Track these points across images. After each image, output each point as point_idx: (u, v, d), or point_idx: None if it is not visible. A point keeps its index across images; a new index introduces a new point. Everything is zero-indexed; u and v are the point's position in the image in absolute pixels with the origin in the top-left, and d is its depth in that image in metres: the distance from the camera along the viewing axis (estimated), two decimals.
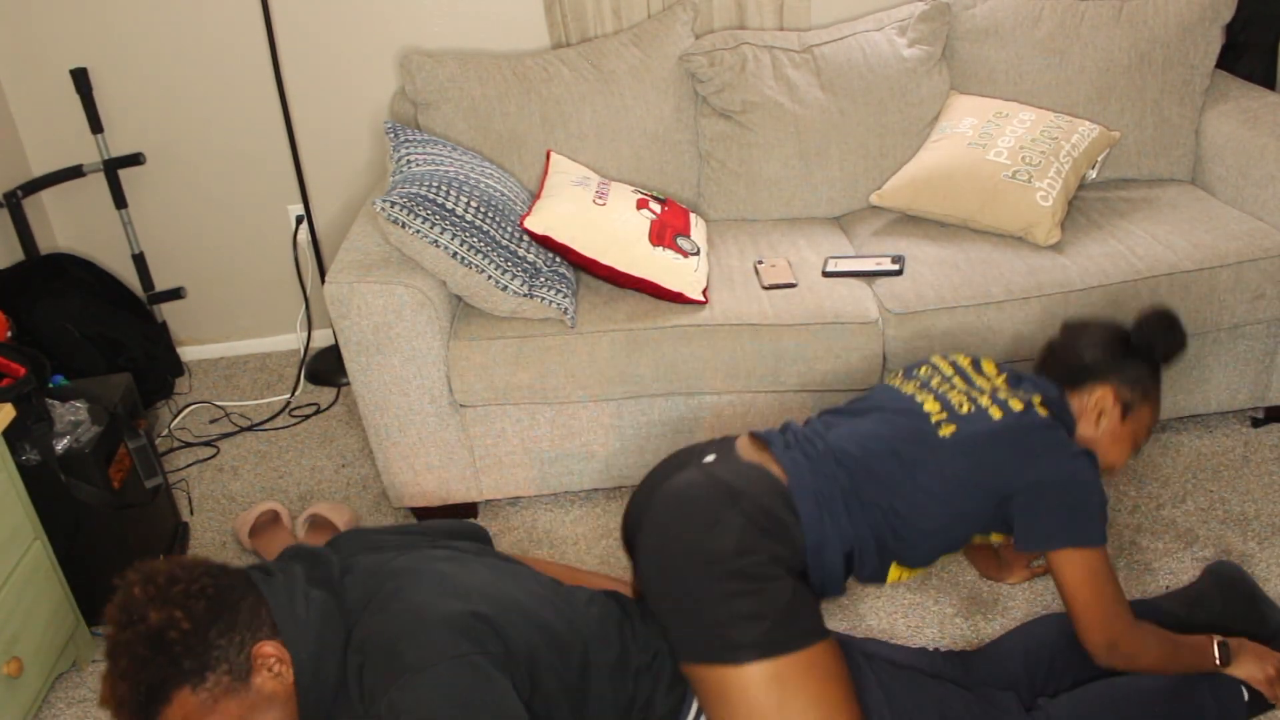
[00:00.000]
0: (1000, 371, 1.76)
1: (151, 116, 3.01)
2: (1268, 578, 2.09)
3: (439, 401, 2.31)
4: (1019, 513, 1.59)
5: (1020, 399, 1.64)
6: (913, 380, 1.78)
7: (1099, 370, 1.70)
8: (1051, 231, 2.36)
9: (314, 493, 2.66)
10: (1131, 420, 1.70)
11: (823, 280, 2.37)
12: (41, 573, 2.02)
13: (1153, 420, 1.72)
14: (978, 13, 2.72)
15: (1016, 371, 1.76)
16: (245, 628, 1.32)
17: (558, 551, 2.37)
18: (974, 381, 1.72)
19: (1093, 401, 1.69)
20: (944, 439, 1.62)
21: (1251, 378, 2.44)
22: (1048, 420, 1.62)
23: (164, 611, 1.28)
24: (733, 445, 1.74)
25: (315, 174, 3.11)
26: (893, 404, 1.72)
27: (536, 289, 2.25)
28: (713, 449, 1.74)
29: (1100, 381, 1.70)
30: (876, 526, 1.62)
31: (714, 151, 2.71)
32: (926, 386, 1.74)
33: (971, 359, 1.79)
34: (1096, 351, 1.71)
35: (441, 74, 2.63)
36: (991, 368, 1.77)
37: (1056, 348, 1.77)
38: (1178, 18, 2.60)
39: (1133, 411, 1.69)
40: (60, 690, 2.12)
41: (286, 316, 3.33)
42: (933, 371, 1.79)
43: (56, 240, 3.16)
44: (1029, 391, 1.69)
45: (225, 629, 1.31)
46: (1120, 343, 1.71)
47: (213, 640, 1.29)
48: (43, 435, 2.03)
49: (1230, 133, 2.53)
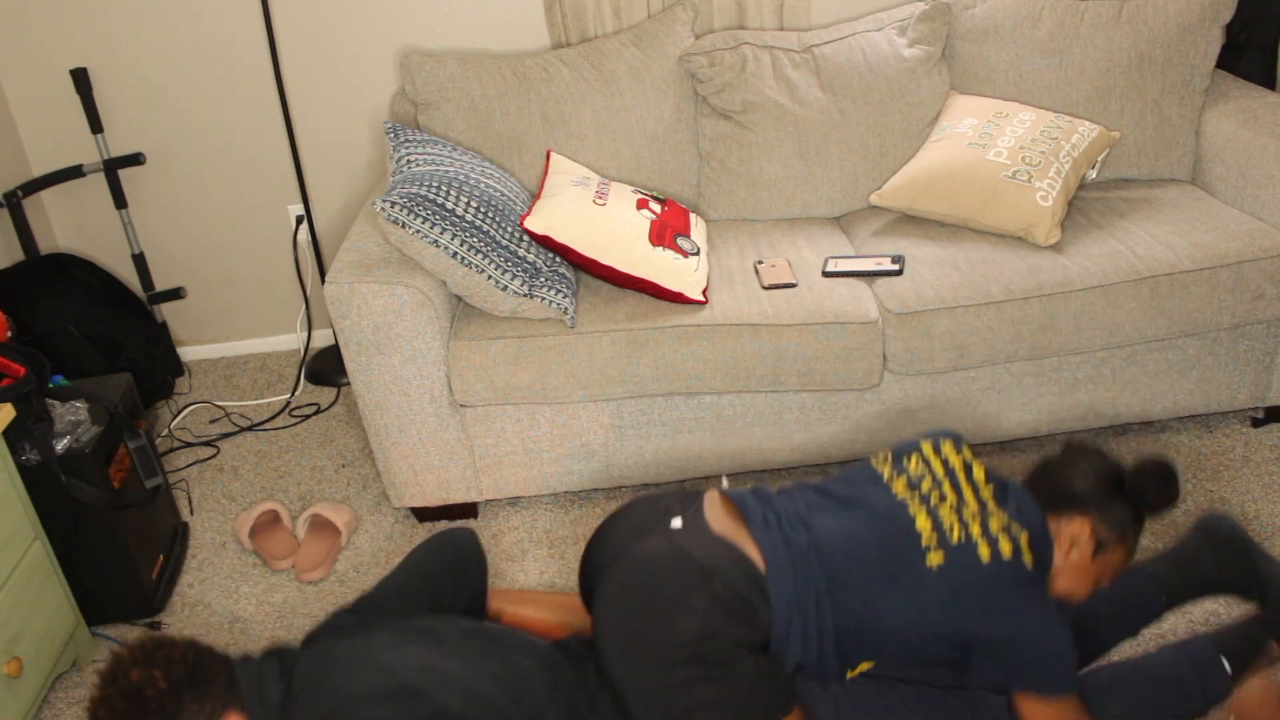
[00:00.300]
0: (989, 480, 1.68)
1: (151, 116, 3.01)
2: None
3: (439, 401, 2.31)
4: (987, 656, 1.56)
5: (1009, 539, 1.57)
6: (902, 476, 1.69)
7: (1084, 502, 1.63)
8: (1051, 231, 2.36)
9: (314, 493, 2.66)
10: (1101, 559, 1.63)
11: (823, 280, 2.37)
12: (41, 573, 2.02)
13: (1121, 565, 1.65)
14: (978, 13, 2.72)
15: (1003, 480, 1.69)
16: (216, 699, 1.42)
17: (557, 551, 2.37)
18: (963, 494, 1.65)
19: (1069, 531, 1.63)
20: (929, 569, 1.57)
21: (1251, 378, 2.44)
22: (1032, 575, 1.56)
23: (145, 671, 1.38)
24: (702, 510, 1.66)
25: (315, 174, 3.11)
26: (883, 507, 1.65)
27: (536, 289, 2.25)
28: (679, 510, 1.67)
29: (1082, 513, 1.63)
30: (841, 630, 1.60)
31: (714, 151, 2.71)
32: (917, 490, 1.66)
33: (963, 460, 1.70)
34: (1088, 483, 1.64)
35: (441, 74, 2.63)
36: (981, 473, 1.69)
37: (1051, 468, 1.70)
38: (1178, 18, 2.60)
39: (1105, 551, 1.63)
40: (60, 690, 2.12)
41: (286, 316, 3.34)
42: (924, 469, 1.70)
43: (56, 240, 3.16)
44: (1015, 519, 1.62)
45: (198, 695, 1.40)
46: (1113, 481, 1.64)
47: (185, 703, 1.39)
48: (43, 435, 2.03)
49: (1230, 133, 2.53)
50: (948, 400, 2.39)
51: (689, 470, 2.44)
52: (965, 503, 1.64)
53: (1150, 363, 2.39)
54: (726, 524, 1.65)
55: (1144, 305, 2.27)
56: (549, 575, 2.30)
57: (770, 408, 2.36)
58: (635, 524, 1.69)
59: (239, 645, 2.19)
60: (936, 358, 2.28)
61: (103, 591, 2.22)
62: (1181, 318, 2.30)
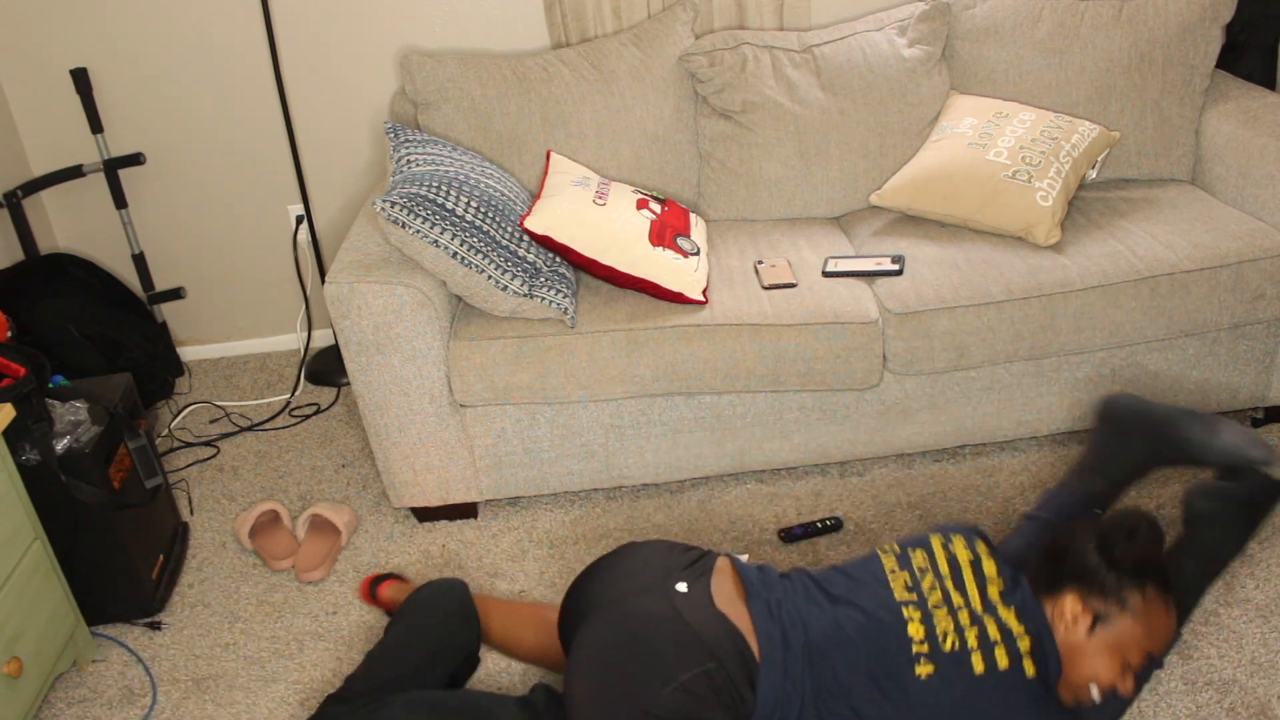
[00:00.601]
0: (1000, 575, 1.61)
1: (151, 116, 3.01)
2: (1268, 577, 2.10)
3: (439, 401, 2.31)
4: None
5: (1008, 648, 1.53)
6: (904, 572, 1.65)
7: (1065, 576, 1.57)
8: (1051, 231, 2.36)
9: (314, 493, 2.66)
10: (1108, 632, 1.52)
11: (823, 280, 2.37)
12: (41, 573, 2.02)
13: (1145, 637, 1.53)
14: (978, 13, 2.73)
15: (1016, 573, 1.63)
16: None
17: (557, 551, 2.37)
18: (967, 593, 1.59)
19: (1059, 609, 1.56)
20: (918, 679, 1.52)
21: (1251, 378, 2.44)
22: (1031, 682, 1.51)
23: None
24: (709, 577, 1.63)
25: (315, 174, 3.11)
26: (878, 609, 1.59)
27: (536, 289, 2.25)
28: (685, 573, 1.63)
29: (1067, 588, 1.56)
30: None
31: (714, 151, 2.71)
32: (916, 590, 1.61)
33: (971, 556, 1.65)
34: (1064, 556, 1.57)
35: (441, 74, 2.63)
36: (991, 568, 1.62)
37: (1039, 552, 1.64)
38: (1178, 18, 2.60)
39: (1107, 622, 1.53)
40: (60, 690, 2.12)
41: (286, 316, 3.33)
42: (928, 565, 1.65)
43: (56, 240, 3.16)
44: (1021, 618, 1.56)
45: None
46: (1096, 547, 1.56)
47: None
48: (43, 435, 2.03)
49: (1230, 133, 2.53)
50: (948, 400, 2.39)
51: (688, 470, 2.44)
52: (967, 604, 1.58)
53: (1150, 363, 2.39)
54: (730, 600, 1.61)
55: (1144, 305, 2.27)
56: (549, 575, 2.30)
57: (770, 408, 2.36)
58: (635, 574, 1.65)
59: (239, 645, 2.19)
60: (936, 358, 2.28)
61: (103, 591, 2.22)
62: (1181, 318, 2.30)
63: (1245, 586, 2.09)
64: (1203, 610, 2.04)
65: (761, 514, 2.41)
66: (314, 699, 2.04)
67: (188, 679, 2.12)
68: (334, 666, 2.11)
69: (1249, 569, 2.12)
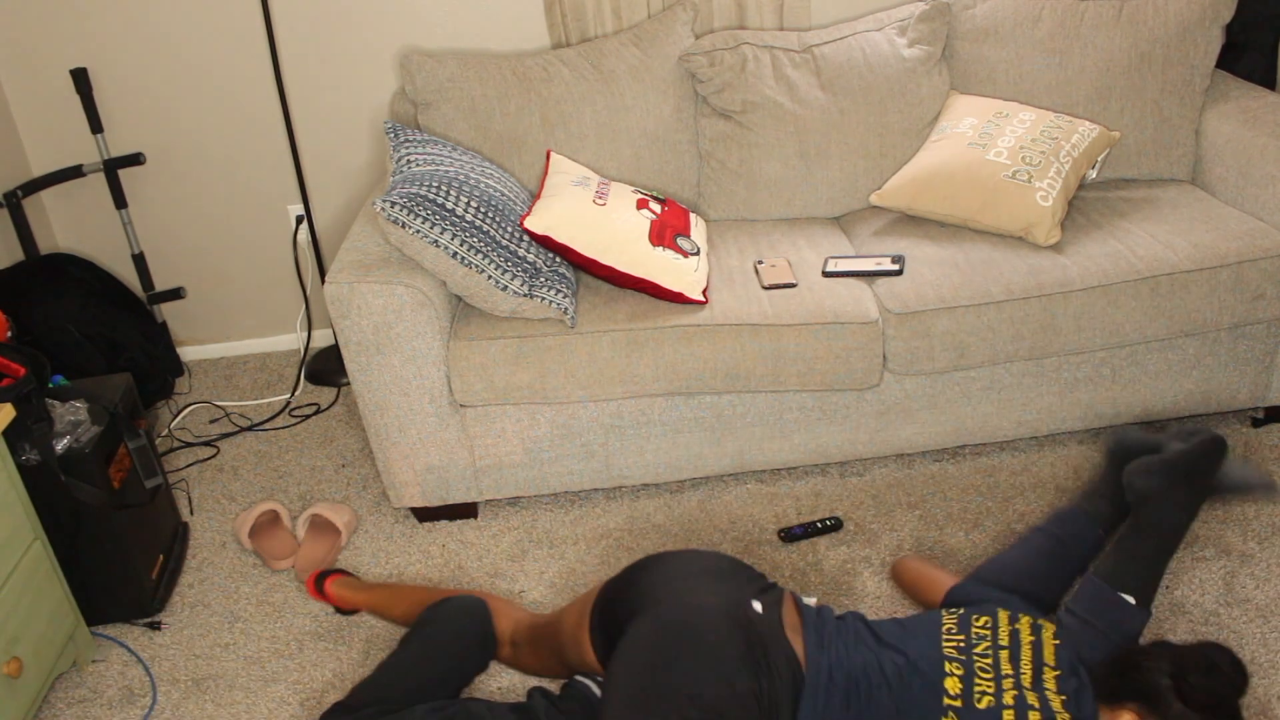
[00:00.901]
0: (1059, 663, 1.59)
1: (151, 116, 3.01)
2: (1268, 577, 2.10)
3: (439, 401, 2.31)
4: None
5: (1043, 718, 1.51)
6: (960, 635, 1.66)
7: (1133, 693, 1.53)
8: (1051, 231, 2.36)
9: (314, 493, 2.66)
10: None
11: (823, 280, 2.37)
12: (41, 573, 2.02)
13: None
14: (978, 13, 2.73)
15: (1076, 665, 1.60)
16: None
17: (557, 551, 2.37)
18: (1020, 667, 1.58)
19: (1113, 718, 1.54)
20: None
21: (1251, 378, 2.44)
22: None
23: None
24: (780, 606, 1.68)
25: (315, 174, 3.11)
26: (922, 658, 1.62)
27: (536, 289, 2.25)
28: (761, 596, 1.67)
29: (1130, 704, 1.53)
30: None
31: (714, 151, 2.71)
32: (967, 653, 1.62)
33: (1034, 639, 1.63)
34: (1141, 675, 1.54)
35: (441, 74, 2.63)
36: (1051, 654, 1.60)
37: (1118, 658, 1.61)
38: (1178, 18, 2.60)
39: None
40: (60, 690, 2.12)
41: (286, 316, 3.33)
42: (988, 634, 1.65)
43: (56, 240, 3.16)
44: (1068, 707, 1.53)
45: None
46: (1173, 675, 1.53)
47: None
48: (43, 435, 2.03)
49: (1230, 133, 2.53)
50: (948, 400, 2.39)
51: (688, 470, 2.44)
52: (1015, 676, 1.58)
53: (1150, 363, 2.39)
54: (794, 629, 1.67)
55: (1144, 305, 2.27)
56: (549, 575, 2.30)
57: (770, 408, 2.36)
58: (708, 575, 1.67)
59: (239, 645, 2.19)
60: (936, 358, 2.28)
61: (102, 591, 2.22)
62: (1181, 318, 2.30)
63: (1245, 586, 2.09)
64: (1202, 610, 2.04)
65: (761, 514, 2.42)
66: (314, 699, 2.04)
67: (188, 679, 2.12)
68: (334, 666, 2.11)
69: (1249, 569, 2.12)
